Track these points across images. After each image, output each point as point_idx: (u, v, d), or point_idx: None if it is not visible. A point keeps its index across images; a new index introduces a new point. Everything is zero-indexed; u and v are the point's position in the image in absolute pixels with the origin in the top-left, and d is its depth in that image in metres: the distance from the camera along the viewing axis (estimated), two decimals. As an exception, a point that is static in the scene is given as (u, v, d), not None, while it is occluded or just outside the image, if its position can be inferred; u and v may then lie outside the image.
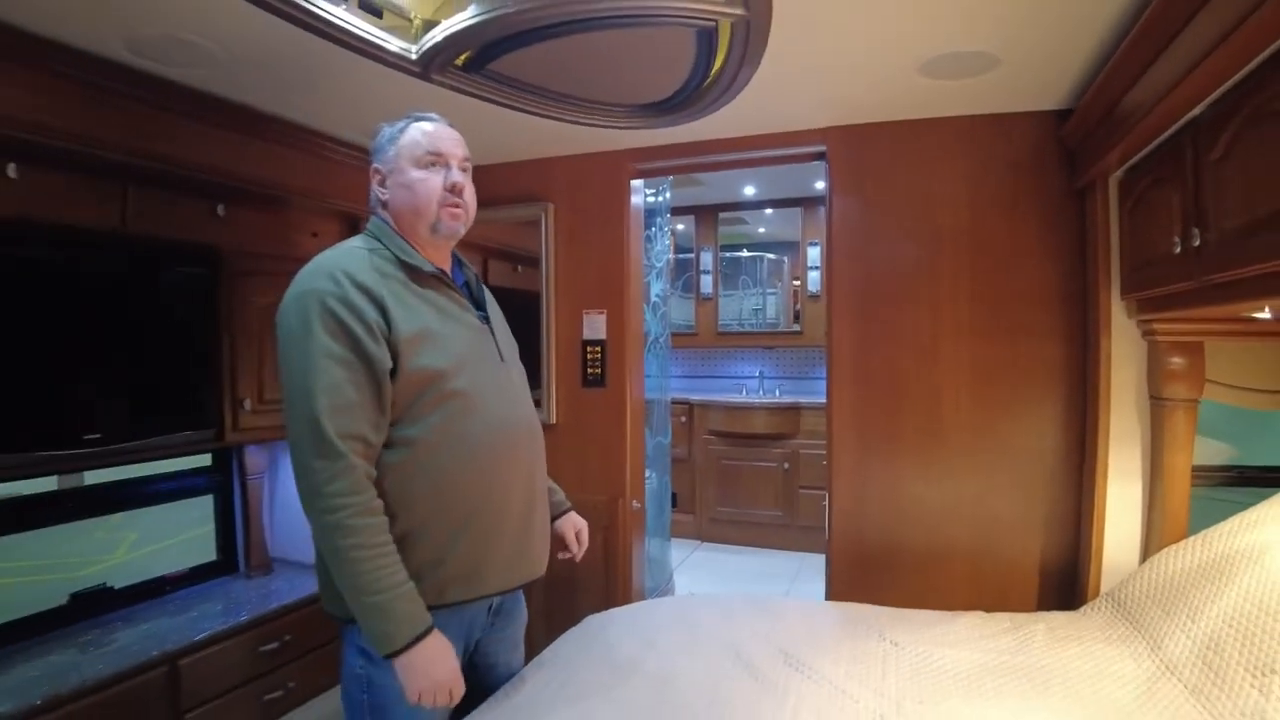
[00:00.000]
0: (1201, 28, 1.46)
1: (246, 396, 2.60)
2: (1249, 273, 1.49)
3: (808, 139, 2.75)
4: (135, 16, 1.77)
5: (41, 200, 2.04)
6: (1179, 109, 1.70)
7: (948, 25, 1.89)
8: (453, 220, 1.51)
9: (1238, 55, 1.41)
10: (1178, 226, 1.78)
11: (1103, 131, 2.14)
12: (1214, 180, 1.61)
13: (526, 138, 2.83)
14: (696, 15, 1.71)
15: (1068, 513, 2.50)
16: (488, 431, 1.46)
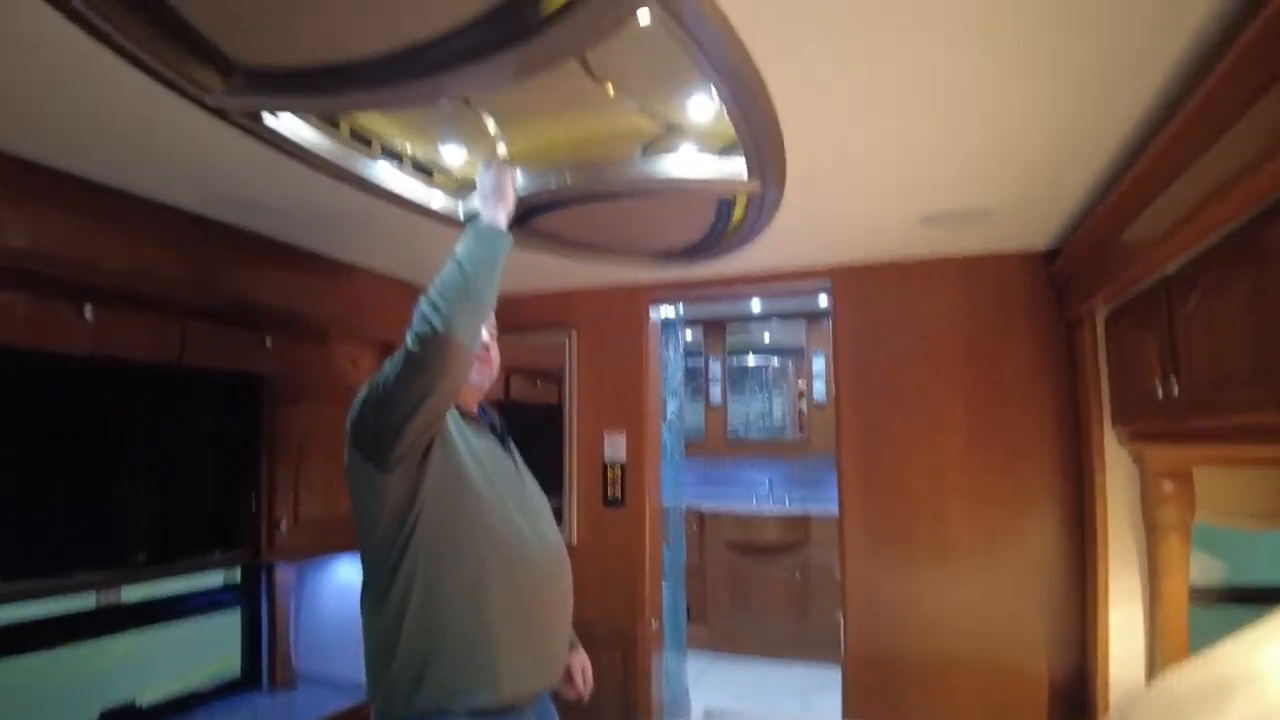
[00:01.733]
0: (1170, 203, 1.65)
1: (283, 517, 2.71)
2: (1221, 424, 1.62)
3: (814, 276, 2.96)
4: (210, 178, 1.99)
5: (111, 339, 2.21)
6: (1153, 266, 1.87)
7: (944, 187, 2.10)
8: (480, 375, 1.71)
9: (1200, 229, 1.58)
10: (1157, 372, 1.92)
11: (1086, 276, 2.33)
12: (1186, 334, 1.75)
13: (554, 273, 3.04)
14: (718, 191, 1.92)
15: (1073, 629, 2.57)
16: (512, 547, 1.59)
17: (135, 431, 2.34)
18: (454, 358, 1.40)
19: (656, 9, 1.19)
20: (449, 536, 1.53)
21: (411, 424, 1.42)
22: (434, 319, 1.37)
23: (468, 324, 1.41)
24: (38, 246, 1.89)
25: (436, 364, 1.38)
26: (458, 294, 1.40)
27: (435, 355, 1.38)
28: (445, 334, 1.37)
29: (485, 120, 1.91)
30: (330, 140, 1.85)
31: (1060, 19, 1.28)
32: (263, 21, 1.33)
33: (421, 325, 1.39)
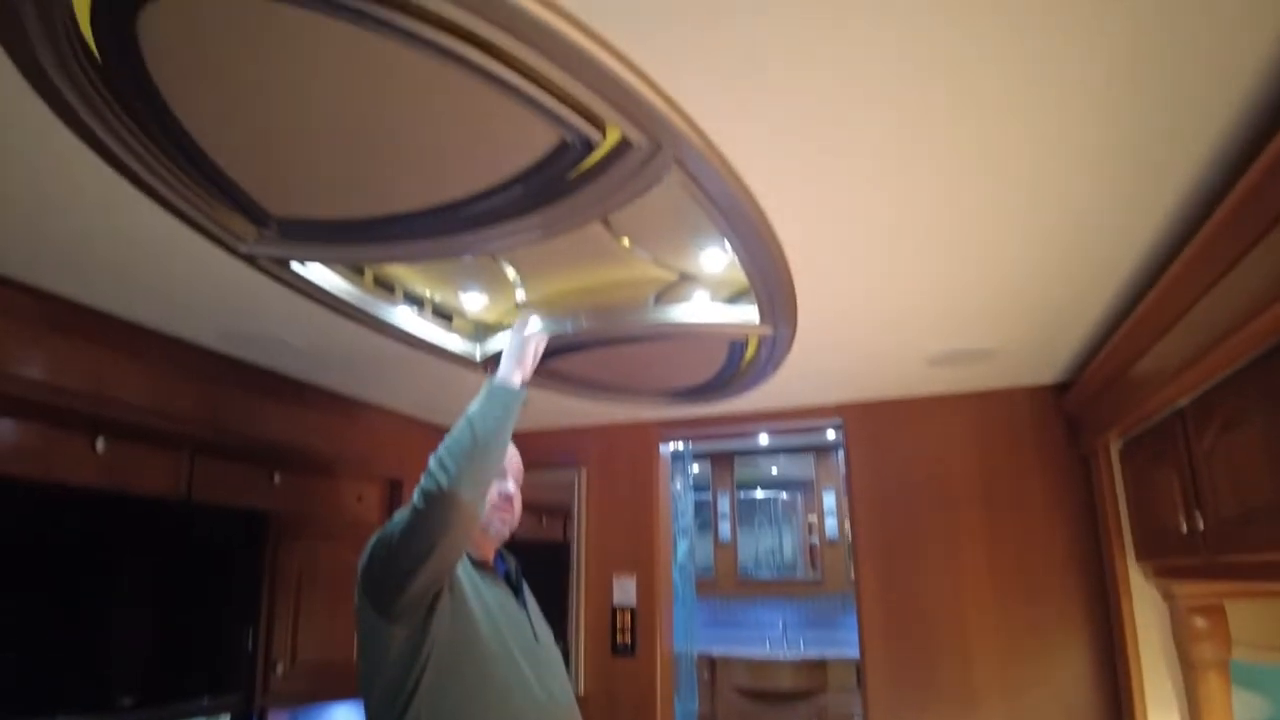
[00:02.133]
0: (1176, 342, 1.67)
1: (280, 660, 2.59)
2: (1253, 559, 1.57)
3: (825, 414, 2.97)
4: (233, 318, 2.04)
5: (120, 472, 2.19)
6: (1166, 401, 1.87)
7: (950, 329, 2.15)
8: (501, 524, 1.70)
9: (1209, 367, 1.59)
10: (1181, 506, 1.87)
11: (1099, 410, 2.33)
12: (1207, 467, 1.72)
13: (563, 410, 3.05)
14: (730, 335, 1.95)
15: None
16: (520, 705, 1.51)
17: (133, 565, 2.27)
18: (458, 516, 1.40)
19: (677, 173, 1.26)
20: (454, 691, 1.48)
21: (416, 578, 1.41)
22: (440, 477, 1.38)
23: (474, 483, 1.42)
24: (54, 379, 1.91)
25: (441, 521, 1.38)
26: (465, 453, 1.41)
27: (440, 512, 1.38)
28: (450, 492, 1.37)
29: (505, 269, 1.98)
30: (354, 286, 1.92)
31: (1061, 158, 1.33)
32: (302, 177, 1.40)
33: (428, 482, 1.40)
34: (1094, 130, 1.23)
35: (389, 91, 1.15)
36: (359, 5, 0.93)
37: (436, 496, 1.37)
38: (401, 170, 1.35)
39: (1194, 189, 1.41)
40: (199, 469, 2.43)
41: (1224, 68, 1.08)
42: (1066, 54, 1.05)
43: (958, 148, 1.29)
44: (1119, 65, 1.07)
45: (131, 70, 1.09)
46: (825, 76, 1.09)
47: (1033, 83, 1.12)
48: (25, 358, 1.85)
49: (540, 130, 1.19)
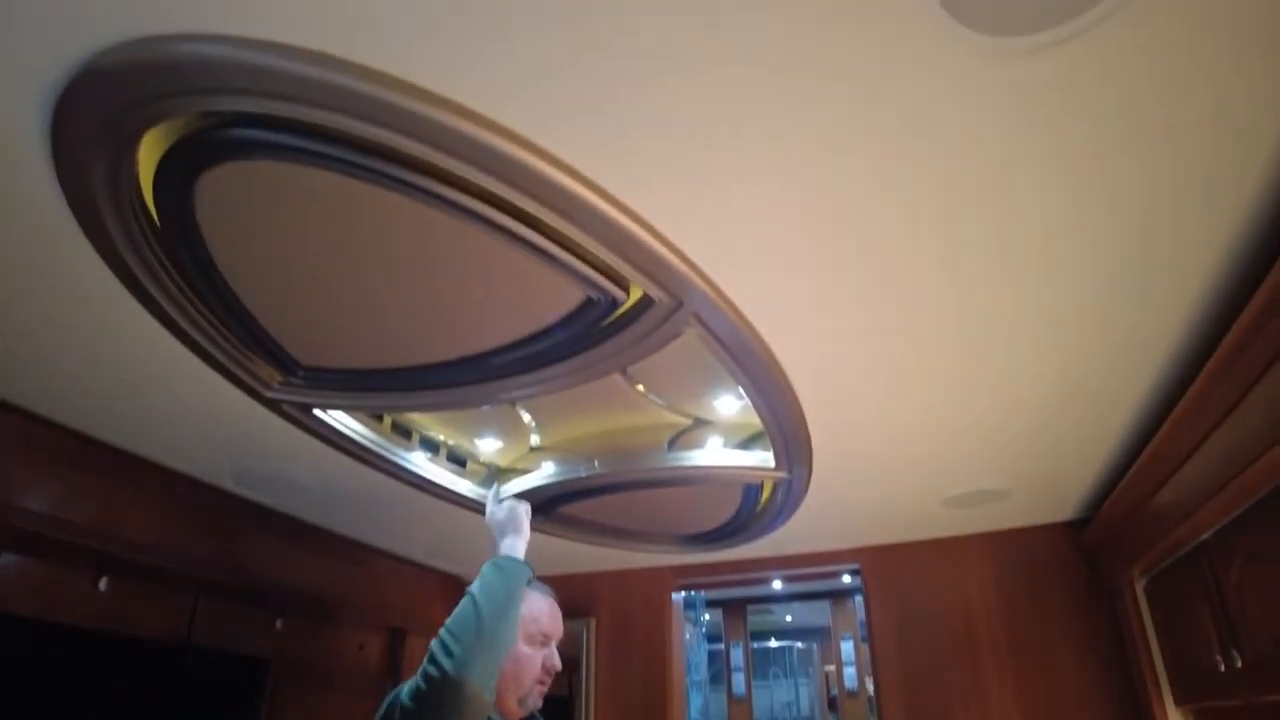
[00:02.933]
0: (1189, 477, 1.66)
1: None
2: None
3: (843, 558, 2.91)
4: (250, 460, 2.04)
5: (122, 612, 2.12)
6: (1188, 536, 1.83)
7: (965, 470, 2.14)
8: (539, 697, 1.57)
9: (1229, 502, 1.57)
10: (1216, 644, 1.79)
11: (1119, 545, 2.28)
12: (1238, 600, 1.67)
13: (573, 557, 2.99)
14: (745, 479, 1.95)
15: None
16: None
17: (132, 710, 2.16)
18: (466, 704, 1.29)
19: (696, 326, 1.31)
20: None
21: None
22: (445, 661, 1.27)
23: (482, 666, 1.30)
24: (61, 512, 1.87)
25: (447, 708, 1.27)
26: (471, 633, 1.31)
27: (446, 699, 1.26)
28: (456, 678, 1.26)
29: (521, 414, 2.01)
30: (372, 431, 1.94)
31: (1066, 301, 1.38)
32: (333, 331, 1.45)
33: (432, 666, 1.29)
34: (1098, 268, 1.28)
35: (424, 253, 1.22)
36: (398, 173, 1.01)
37: (441, 683, 1.26)
38: (430, 326, 1.41)
39: (1197, 325, 1.45)
40: (202, 611, 2.36)
41: (1219, 205, 1.14)
42: (1062, 198, 1.11)
43: (966, 298, 1.35)
44: (1118, 204, 1.14)
45: (181, 224, 1.16)
46: (834, 230, 1.16)
47: (1036, 235, 1.19)
48: (34, 489, 1.82)
49: (567, 289, 1.25)
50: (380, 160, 0.99)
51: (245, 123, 0.97)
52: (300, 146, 0.99)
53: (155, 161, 1.06)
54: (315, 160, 1.01)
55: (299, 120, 0.93)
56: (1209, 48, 0.86)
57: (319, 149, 0.99)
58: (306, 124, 0.94)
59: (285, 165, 1.04)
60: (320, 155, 1.00)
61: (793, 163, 1.02)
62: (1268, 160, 1.03)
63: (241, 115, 0.95)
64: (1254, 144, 1.00)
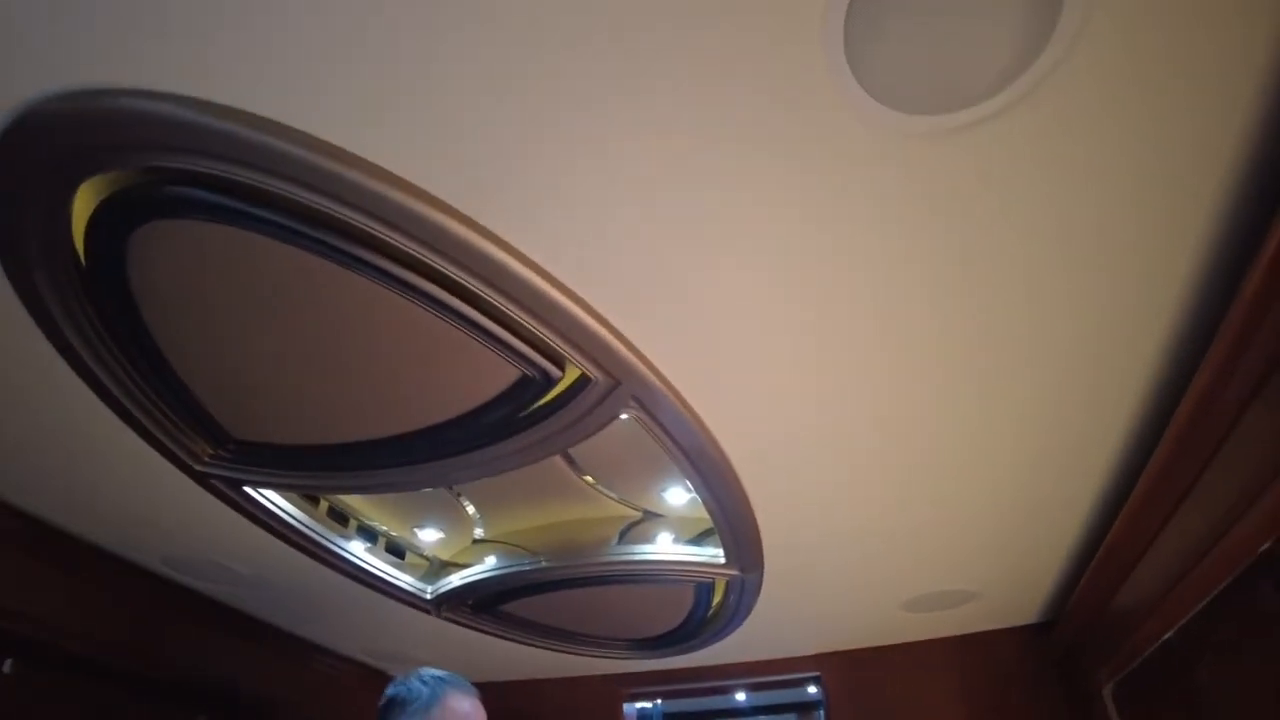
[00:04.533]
0: (1147, 575, 1.64)
1: None
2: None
3: (802, 665, 2.78)
4: (180, 540, 1.91)
5: (27, 701, 1.94)
6: (1149, 638, 1.77)
7: (921, 573, 2.09)
8: None
9: (1186, 599, 1.54)
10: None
11: (1085, 652, 2.21)
12: (1210, 703, 1.60)
13: (519, 661, 2.83)
14: (696, 576, 1.88)
15: None
16: None
17: None
18: None
19: (635, 409, 1.28)
20: None
21: None
22: None
23: None
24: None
25: None
26: None
27: None
28: None
29: (464, 505, 1.94)
30: (308, 516, 1.85)
31: (1009, 400, 1.38)
32: (264, 402, 1.40)
33: None
34: (1042, 368, 1.29)
35: (359, 326, 1.19)
36: (339, 244, 0.99)
37: None
38: (364, 401, 1.36)
39: (1143, 422, 1.45)
40: (118, 706, 2.17)
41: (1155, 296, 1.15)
42: (1006, 301, 1.12)
43: (911, 402, 1.36)
44: (1052, 312, 1.15)
45: (113, 279, 1.12)
46: (782, 329, 1.16)
47: (976, 343, 1.20)
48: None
49: (502, 366, 1.22)
50: (322, 229, 0.98)
51: (184, 181, 0.95)
52: (239, 209, 0.98)
53: (89, 212, 1.03)
54: (254, 225, 0.99)
55: (239, 183, 0.92)
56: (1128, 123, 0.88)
57: (259, 214, 0.98)
58: (247, 187, 0.93)
59: (222, 228, 1.02)
60: (261, 220, 0.99)
61: (719, 243, 1.02)
62: (1200, 240, 1.04)
63: (181, 173, 0.93)
64: (1184, 222, 1.02)
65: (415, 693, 1.53)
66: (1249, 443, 1.20)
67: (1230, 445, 1.24)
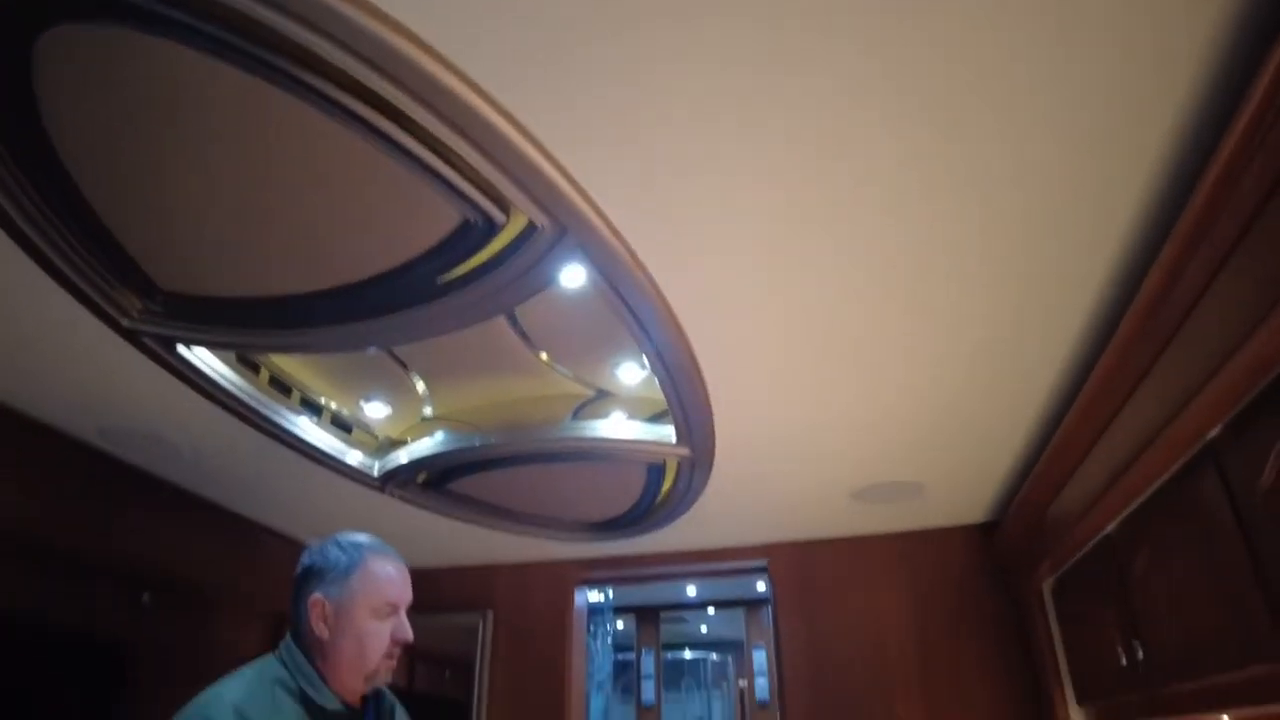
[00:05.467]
0: (1095, 465, 1.66)
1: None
2: (1197, 686, 1.48)
3: (750, 554, 2.84)
4: (115, 408, 1.83)
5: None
6: (1091, 530, 1.82)
7: (870, 461, 2.10)
8: (388, 672, 1.40)
9: (1130, 488, 1.57)
10: (1119, 638, 1.79)
11: (1027, 548, 2.27)
12: (1142, 595, 1.66)
13: (473, 545, 2.85)
14: (648, 455, 1.86)
15: None
16: None
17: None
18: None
19: (586, 266, 1.22)
20: None
21: None
22: None
23: None
24: None
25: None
26: None
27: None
28: None
29: (414, 381, 1.88)
30: (248, 384, 1.78)
31: (975, 282, 1.36)
32: (191, 246, 1.31)
33: None
34: (1005, 248, 1.26)
35: (296, 161, 1.10)
36: (256, 50, 0.89)
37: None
38: (300, 248, 1.28)
39: (1104, 304, 1.43)
40: (58, 582, 2.13)
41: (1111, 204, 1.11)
42: (966, 181, 1.07)
43: (875, 286, 1.33)
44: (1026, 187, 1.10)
45: (17, 91, 1.01)
46: (746, 184, 1.10)
47: (933, 235, 1.16)
48: None
49: (443, 209, 1.14)
50: (246, 38, 0.88)
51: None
52: (164, 14, 0.86)
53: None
54: (172, 32, 0.89)
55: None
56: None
57: (175, 15, 0.87)
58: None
59: (145, 38, 0.91)
60: (178, 26, 0.88)
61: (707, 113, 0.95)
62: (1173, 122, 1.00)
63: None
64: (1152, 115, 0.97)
65: (332, 560, 1.42)
66: (1207, 324, 1.19)
67: (1189, 327, 1.23)
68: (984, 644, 2.54)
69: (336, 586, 1.39)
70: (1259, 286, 1.02)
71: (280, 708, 1.29)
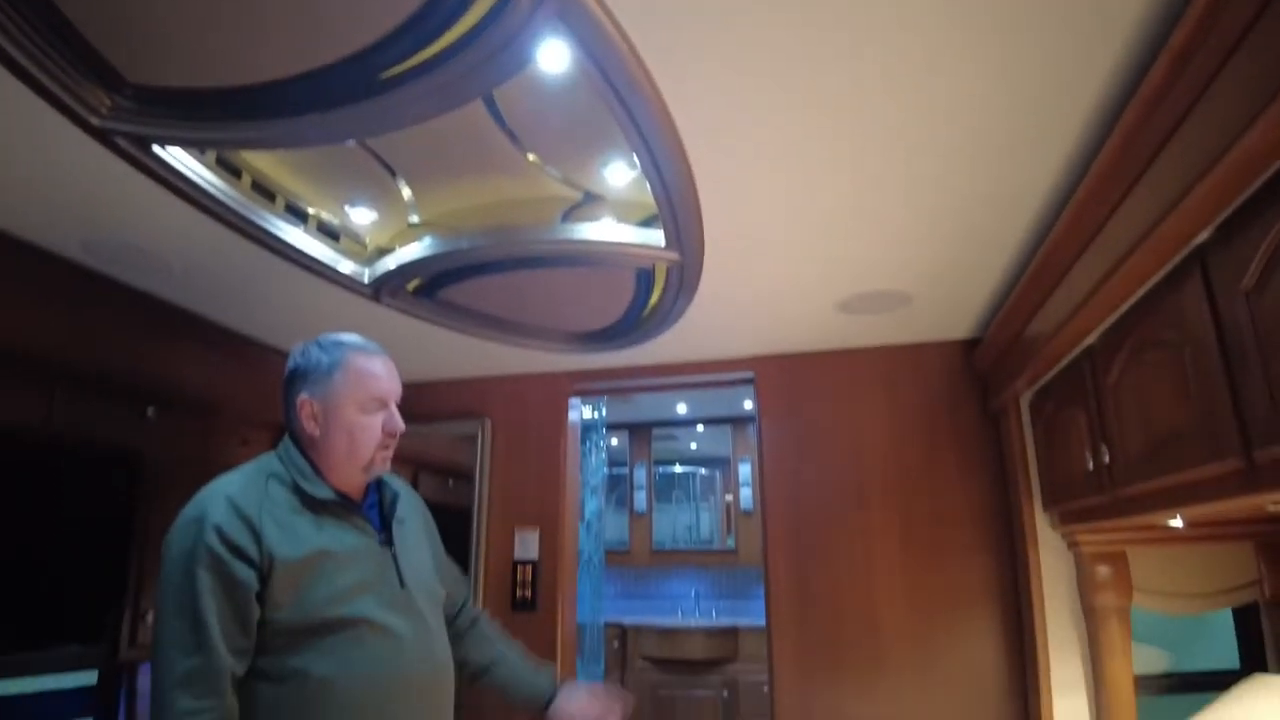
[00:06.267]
0: (1082, 271, 1.68)
1: (150, 609, 2.38)
2: (1155, 486, 1.59)
3: (737, 366, 2.93)
4: (95, 219, 1.81)
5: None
6: (1074, 339, 1.88)
7: (859, 268, 2.11)
8: (384, 463, 1.46)
9: (1116, 294, 1.60)
10: (1087, 444, 1.90)
11: (1009, 360, 2.34)
12: (1115, 402, 1.75)
13: (469, 357, 2.92)
14: (637, 259, 1.87)
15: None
16: (371, 667, 1.33)
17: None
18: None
19: (578, 53, 1.17)
20: (292, 671, 1.29)
21: None
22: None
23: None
24: None
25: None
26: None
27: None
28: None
29: (400, 186, 1.85)
30: (231, 188, 1.75)
31: (971, 81, 1.31)
32: (158, 31, 1.24)
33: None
34: (1005, 49, 1.21)
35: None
36: None
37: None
38: (263, 23, 1.21)
39: (1099, 115, 1.40)
40: (60, 398, 2.19)
41: None
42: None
43: (869, 75, 1.28)
44: None
45: None
46: None
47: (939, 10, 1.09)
48: None
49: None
50: None
51: None
52: None
53: None
54: None
55: None
56: None
57: None
58: None
59: None
60: None
61: None
62: None
63: None
64: None
65: (314, 361, 1.46)
66: (1208, 117, 1.15)
67: (1190, 121, 1.19)
68: (960, 457, 2.67)
69: (321, 386, 1.43)
70: (1266, 74, 0.98)
71: (273, 497, 1.35)
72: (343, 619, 1.30)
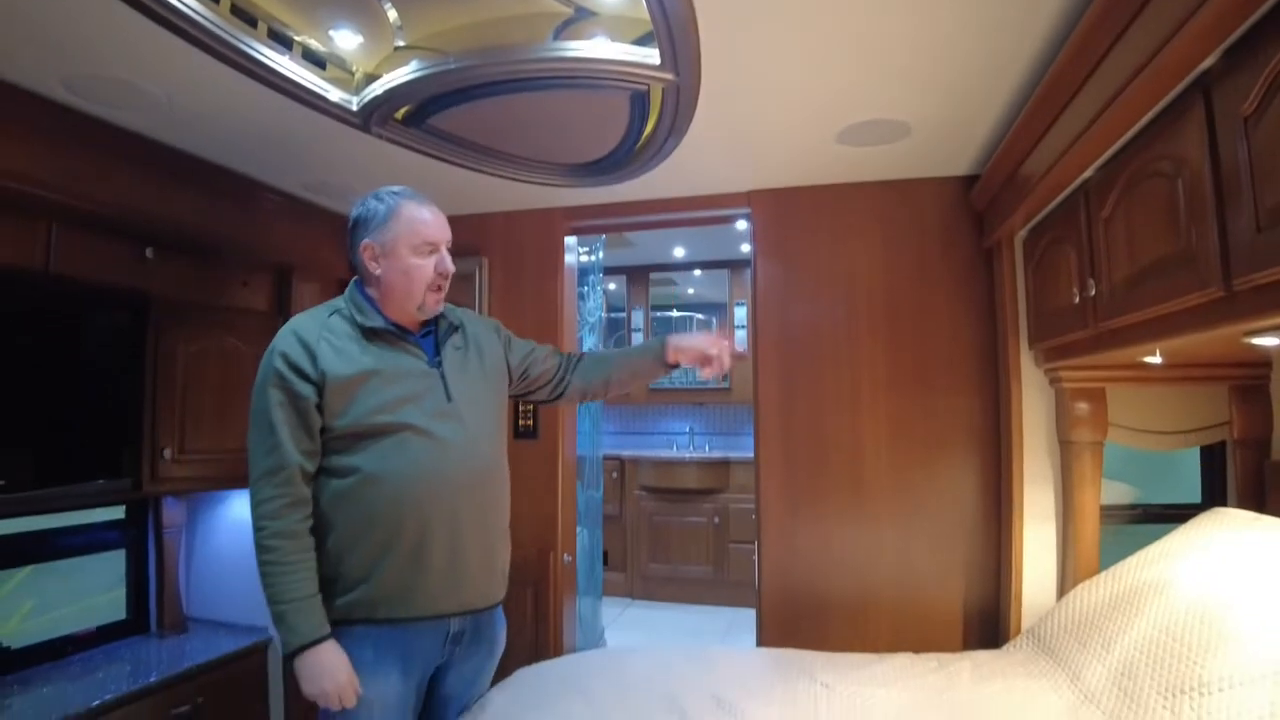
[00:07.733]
0: (1086, 100, 1.65)
1: (167, 446, 2.51)
2: (1138, 318, 1.65)
3: (733, 201, 2.91)
4: (73, 52, 1.76)
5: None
6: (1072, 172, 1.88)
7: (861, 95, 2.06)
8: (436, 304, 1.72)
9: (1118, 124, 1.59)
10: (1075, 279, 1.95)
11: (1007, 195, 2.33)
12: (1105, 236, 1.78)
13: (463, 193, 2.90)
14: (630, 79, 1.83)
15: (987, 557, 2.62)
16: (414, 465, 1.58)
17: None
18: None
19: None
20: (351, 469, 1.58)
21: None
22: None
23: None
24: None
25: None
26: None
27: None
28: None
29: (384, 7, 1.76)
30: (208, 10, 1.67)
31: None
32: None
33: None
34: None
35: None
36: None
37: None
38: None
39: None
40: (57, 239, 2.19)
41: None
42: None
43: None
44: None
45: None
46: None
47: None
48: None
49: None
50: None
51: None
52: None
53: None
54: None
55: None
56: None
57: None
58: None
59: None
60: None
61: None
62: None
63: None
64: None
65: (371, 210, 1.69)
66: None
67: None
68: (950, 296, 2.70)
69: (379, 231, 1.68)
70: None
71: (332, 327, 1.64)
72: (389, 425, 1.58)
